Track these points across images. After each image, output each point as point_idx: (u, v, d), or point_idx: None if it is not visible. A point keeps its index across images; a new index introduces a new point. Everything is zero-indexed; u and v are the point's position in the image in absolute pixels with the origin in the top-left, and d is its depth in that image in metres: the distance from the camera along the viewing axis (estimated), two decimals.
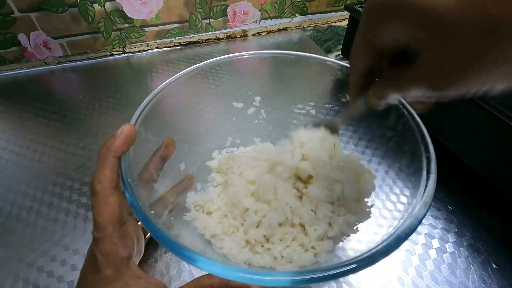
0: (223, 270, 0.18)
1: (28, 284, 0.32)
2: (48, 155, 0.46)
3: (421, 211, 0.21)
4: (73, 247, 0.35)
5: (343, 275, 0.18)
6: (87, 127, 0.51)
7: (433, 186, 0.22)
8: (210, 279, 0.24)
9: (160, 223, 0.21)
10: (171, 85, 0.31)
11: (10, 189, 0.41)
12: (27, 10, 0.57)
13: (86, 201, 0.40)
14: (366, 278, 0.32)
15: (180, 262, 0.33)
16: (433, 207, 0.38)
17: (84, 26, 0.62)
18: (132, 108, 0.54)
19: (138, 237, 0.26)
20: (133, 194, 0.21)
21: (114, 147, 0.22)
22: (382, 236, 0.21)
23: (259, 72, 0.39)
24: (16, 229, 0.37)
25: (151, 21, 0.66)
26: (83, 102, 0.56)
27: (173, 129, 0.34)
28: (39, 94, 0.58)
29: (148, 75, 0.62)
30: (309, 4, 0.73)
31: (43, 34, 0.61)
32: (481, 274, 0.32)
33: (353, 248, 0.27)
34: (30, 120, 0.52)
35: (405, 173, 0.27)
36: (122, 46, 0.68)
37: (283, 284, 0.18)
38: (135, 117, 0.26)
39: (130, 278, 0.22)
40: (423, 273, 0.32)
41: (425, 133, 0.25)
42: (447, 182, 0.40)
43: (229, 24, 0.71)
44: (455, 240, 0.34)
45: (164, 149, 0.30)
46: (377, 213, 0.28)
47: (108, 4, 0.61)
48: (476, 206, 0.38)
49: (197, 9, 0.66)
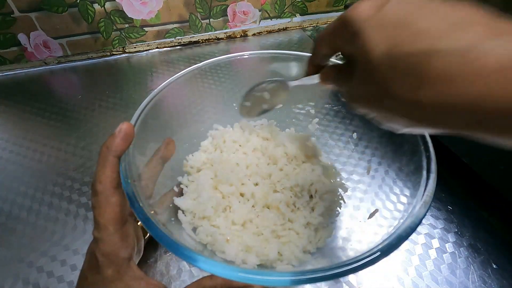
0: (224, 270, 0.18)
1: (28, 284, 0.32)
2: (48, 155, 0.46)
3: (421, 211, 0.21)
4: (73, 247, 0.35)
5: (343, 274, 0.18)
6: (87, 127, 0.51)
7: (433, 185, 0.22)
8: (212, 280, 0.24)
9: (160, 223, 0.21)
10: (171, 85, 0.31)
11: (10, 189, 0.41)
12: (27, 10, 0.57)
13: (86, 201, 0.40)
14: (366, 278, 0.32)
15: (180, 262, 0.33)
16: (433, 207, 0.38)
17: (84, 26, 0.62)
18: (132, 108, 0.54)
19: (138, 237, 0.26)
20: (133, 194, 0.21)
21: (113, 147, 0.22)
22: (382, 236, 0.22)
23: (259, 72, 0.39)
24: (16, 229, 0.37)
25: (151, 21, 0.66)
26: (83, 102, 0.56)
27: (173, 129, 0.34)
28: (39, 94, 0.58)
29: (148, 75, 0.62)
30: (309, 4, 0.73)
31: (43, 34, 0.61)
32: (481, 274, 0.32)
33: (353, 248, 0.27)
34: (30, 120, 0.52)
35: (405, 173, 0.27)
36: (122, 46, 0.68)
37: (283, 284, 0.18)
38: (135, 117, 0.26)
39: (131, 279, 0.22)
40: (423, 273, 0.32)
41: (425, 133, 0.25)
42: (447, 182, 0.40)
43: (229, 24, 0.71)
44: (455, 240, 0.34)
45: (164, 149, 0.30)
46: (377, 213, 0.28)
47: (108, 4, 0.61)
48: (476, 206, 0.38)
49: (197, 9, 0.66)
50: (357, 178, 0.34)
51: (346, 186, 0.34)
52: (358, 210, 0.31)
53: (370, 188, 0.32)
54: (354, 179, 0.34)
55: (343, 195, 0.33)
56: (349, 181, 0.35)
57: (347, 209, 0.32)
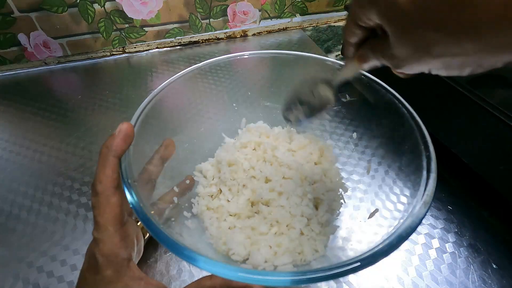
0: (224, 270, 0.18)
1: (28, 284, 0.32)
2: (48, 155, 0.46)
3: (421, 211, 0.21)
4: (73, 247, 0.35)
5: (344, 274, 0.18)
6: (87, 127, 0.51)
7: (434, 185, 0.22)
8: (211, 280, 0.24)
9: (160, 224, 0.21)
10: (171, 85, 0.31)
11: (10, 189, 0.41)
12: (27, 10, 0.57)
13: (86, 201, 0.40)
14: (366, 278, 0.32)
15: (180, 262, 0.33)
16: (433, 207, 0.38)
17: (84, 26, 0.62)
18: (132, 108, 0.54)
19: (138, 238, 0.26)
20: (133, 194, 0.21)
21: (114, 147, 0.22)
22: (382, 236, 0.22)
23: (259, 72, 0.39)
24: (16, 229, 0.37)
25: (151, 21, 0.65)
26: (83, 102, 0.56)
27: (173, 129, 0.34)
28: (39, 94, 0.58)
29: (148, 75, 0.62)
30: (309, 4, 0.73)
31: (43, 34, 0.61)
32: (481, 274, 0.32)
33: (353, 248, 0.27)
34: (30, 120, 0.52)
35: (405, 173, 0.27)
36: (122, 46, 0.68)
37: (283, 284, 0.18)
38: (135, 117, 0.26)
39: (130, 279, 0.22)
40: (423, 273, 0.32)
41: (425, 133, 0.25)
42: (447, 182, 0.40)
43: (229, 24, 0.71)
44: (455, 240, 0.34)
45: (164, 150, 0.30)
46: (377, 213, 0.28)
47: (108, 4, 0.61)
48: (476, 206, 0.38)
49: (197, 9, 0.66)
50: (357, 178, 0.34)
51: (346, 186, 0.34)
52: (358, 210, 0.31)
53: (370, 188, 0.32)
54: (354, 179, 0.34)
55: (343, 195, 0.33)
56: (349, 181, 0.35)
57: (347, 209, 0.32)
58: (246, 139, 0.35)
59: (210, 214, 0.31)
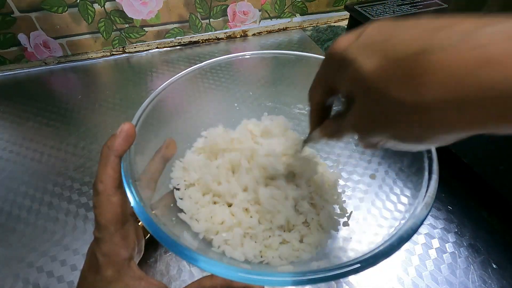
0: (224, 270, 0.18)
1: (28, 284, 0.32)
2: (48, 155, 0.46)
3: (423, 212, 0.21)
4: (73, 247, 0.35)
5: (344, 276, 0.18)
6: (87, 127, 0.51)
7: (435, 186, 0.22)
8: (212, 280, 0.24)
9: (161, 224, 0.21)
10: (171, 85, 0.31)
11: (10, 189, 0.41)
12: (27, 10, 0.57)
13: (86, 201, 0.40)
14: (366, 278, 0.32)
15: (180, 262, 0.33)
16: (433, 207, 0.38)
17: (84, 26, 0.62)
18: (132, 108, 0.54)
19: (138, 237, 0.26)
20: (134, 194, 0.21)
21: (115, 147, 0.22)
22: (383, 236, 0.21)
23: (259, 72, 0.39)
24: (16, 229, 0.37)
25: (151, 21, 0.65)
26: (83, 102, 0.56)
27: (174, 129, 0.34)
28: (39, 94, 0.58)
29: (148, 75, 0.62)
30: (309, 4, 0.74)
31: (43, 34, 0.61)
32: (481, 274, 0.32)
33: (354, 248, 0.27)
34: (30, 120, 0.52)
35: (405, 173, 0.27)
36: (122, 46, 0.68)
37: (284, 284, 0.18)
38: (137, 117, 0.26)
39: (131, 279, 0.22)
40: (423, 273, 0.32)
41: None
42: (447, 182, 0.40)
43: (229, 24, 0.71)
44: (455, 240, 0.34)
45: (165, 149, 0.29)
46: (377, 213, 0.28)
47: (108, 4, 0.61)
48: (476, 206, 0.38)
49: (197, 9, 0.66)
50: (357, 178, 0.34)
51: (346, 186, 0.34)
52: (358, 210, 0.31)
53: (370, 188, 0.32)
54: (354, 179, 0.34)
55: (343, 195, 0.33)
56: (349, 181, 0.35)
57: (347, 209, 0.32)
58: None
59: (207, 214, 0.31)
